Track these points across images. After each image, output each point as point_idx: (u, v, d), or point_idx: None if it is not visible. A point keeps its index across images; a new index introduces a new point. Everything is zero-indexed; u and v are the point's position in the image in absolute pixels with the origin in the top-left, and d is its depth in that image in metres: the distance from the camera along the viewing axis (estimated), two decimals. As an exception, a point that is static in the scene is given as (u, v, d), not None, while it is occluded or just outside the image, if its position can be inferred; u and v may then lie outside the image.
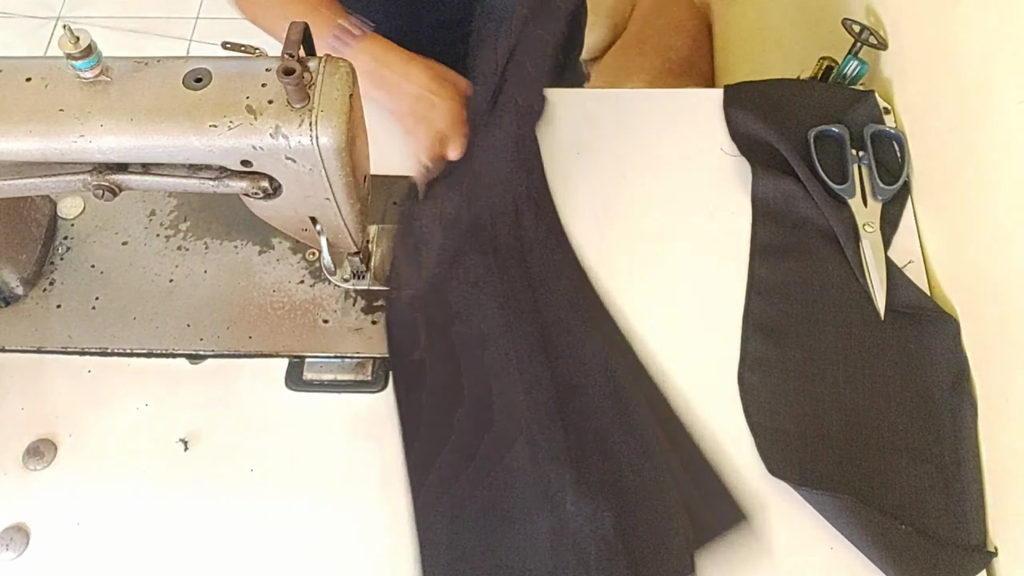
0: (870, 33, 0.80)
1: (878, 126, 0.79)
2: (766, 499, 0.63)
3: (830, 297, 0.71)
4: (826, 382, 0.67)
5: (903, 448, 0.64)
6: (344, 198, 0.57)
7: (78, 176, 0.55)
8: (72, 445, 0.65)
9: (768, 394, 0.67)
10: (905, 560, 0.59)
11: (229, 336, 0.69)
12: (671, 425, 0.65)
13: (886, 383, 0.66)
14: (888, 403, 0.66)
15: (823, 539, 0.61)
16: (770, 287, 0.71)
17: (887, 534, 0.60)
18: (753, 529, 0.62)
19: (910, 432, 0.64)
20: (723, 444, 0.65)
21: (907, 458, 0.63)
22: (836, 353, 0.68)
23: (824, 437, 0.65)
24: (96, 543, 0.61)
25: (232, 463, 0.64)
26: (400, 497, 0.63)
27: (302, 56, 0.50)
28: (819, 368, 0.68)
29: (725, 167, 0.79)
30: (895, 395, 0.66)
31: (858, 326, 0.69)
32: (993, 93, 0.63)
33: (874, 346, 0.68)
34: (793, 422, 0.65)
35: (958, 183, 0.69)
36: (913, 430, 0.64)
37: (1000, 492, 0.61)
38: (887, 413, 0.65)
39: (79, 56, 0.50)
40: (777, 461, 0.64)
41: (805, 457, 0.64)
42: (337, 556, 0.61)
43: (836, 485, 0.62)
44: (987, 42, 0.64)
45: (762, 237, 0.74)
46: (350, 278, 0.71)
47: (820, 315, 0.70)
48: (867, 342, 0.68)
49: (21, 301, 0.71)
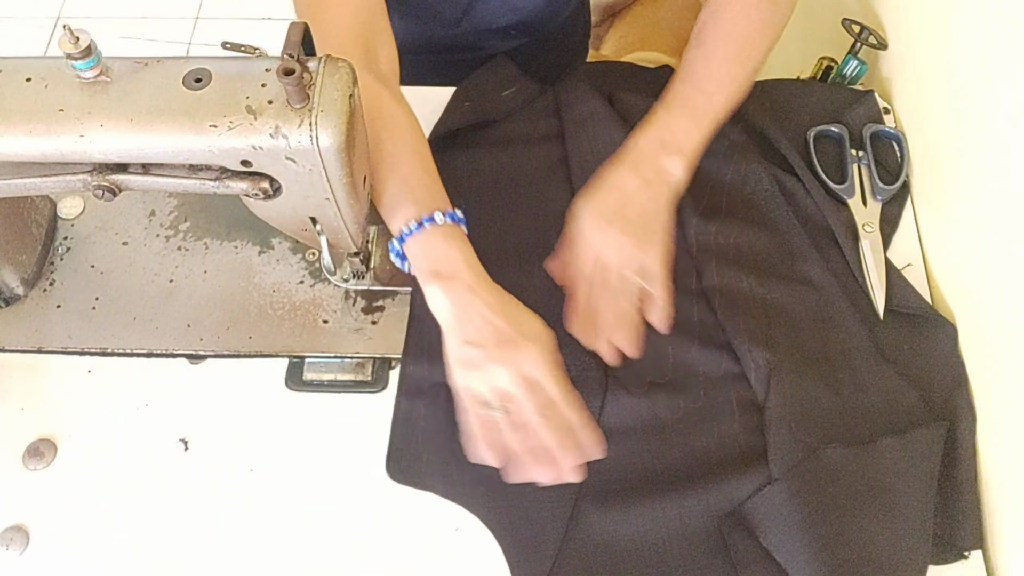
0: (870, 33, 0.80)
1: (878, 126, 0.78)
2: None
3: (827, 295, 0.70)
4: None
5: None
6: (344, 198, 0.57)
7: (78, 176, 0.55)
8: (72, 445, 0.65)
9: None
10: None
11: (229, 336, 0.69)
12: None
13: (884, 383, 0.66)
14: (884, 402, 0.66)
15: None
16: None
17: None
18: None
19: (904, 430, 0.64)
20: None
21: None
22: (833, 351, 0.68)
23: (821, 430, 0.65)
24: (96, 543, 0.62)
25: (232, 463, 0.64)
26: (400, 497, 0.63)
27: (302, 56, 0.50)
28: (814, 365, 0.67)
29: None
30: (892, 394, 0.66)
31: (855, 325, 0.69)
32: (993, 93, 0.63)
33: (872, 345, 0.68)
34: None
35: (958, 183, 0.69)
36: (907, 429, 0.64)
37: (1000, 493, 0.61)
38: (883, 412, 0.65)
39: (79, 56, 0.50)
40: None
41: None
42: (337, 556, 0.61)
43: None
44: (987, 42, 0.64)
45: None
46: (350, 278, 0.71)
47: (822, 314, 0.70)
48: (865, 341, 0.68)
49: (21, 301, 0.71)
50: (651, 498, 0.61)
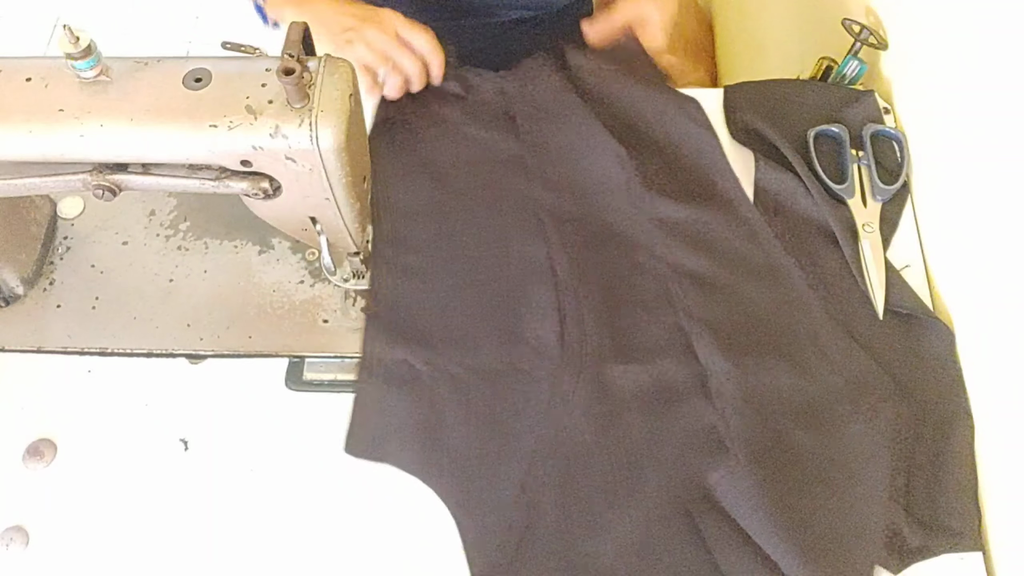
0: (870, 33, 0.80)
1: (878, 126, 0.78)
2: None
3: (826, 294, 0.71)
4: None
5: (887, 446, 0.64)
6: (344, 198, 0.57)
7: (78, 176, 0.55)
8: (72, 445, 0.65)
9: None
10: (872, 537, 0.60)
11: (229, 336, 0.69)
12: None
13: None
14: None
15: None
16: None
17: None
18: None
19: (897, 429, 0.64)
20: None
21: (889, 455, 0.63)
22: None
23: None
24: (96, 543, 0.62)
25: (232, 463, 0.64)
26: (400, 497, 0.63)
27: (302, 56, 0.50)
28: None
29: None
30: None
31: (853, 324, 0.69)
32: (993, 93, 0.63)
33: (870, 345, 0.68)
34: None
35: (958, 183, 0.69)
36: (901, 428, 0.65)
37: (999, 494, 0.61)
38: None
39: (79, 56, 0.50)
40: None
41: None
42: (337, 556, 0.61)
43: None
44: (987, 42, 0.64)
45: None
46: (350, 278, 0.71)
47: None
48: (863, 341, 0.68)
49: (21, 301, 0.71)
50: (618, 486, 0.62)
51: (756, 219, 0.74)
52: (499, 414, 0.65)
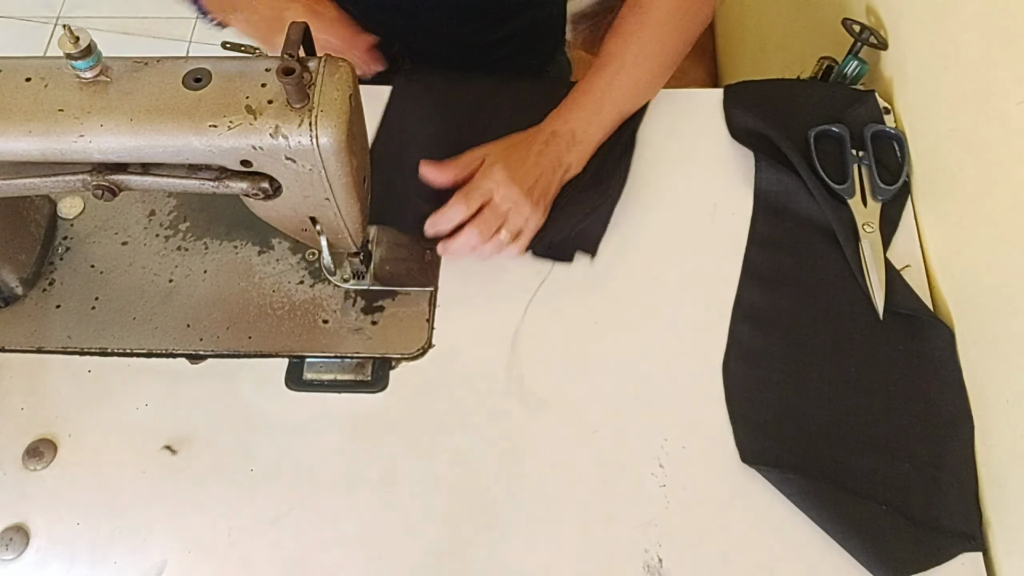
0: (870, 33, 0.80)
1: (878, 126, 0.78)
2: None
3: (826, 294, 0.71)
4: (812, 377, 0.67)
5: (882, 446, 0.64)
6: (344, 198, 0.57)
7: (78, 176, 0.55)
8: (72, 445, 0.65)
9: (752, 384, 0.67)
10: (878, 542, 0.59)
11: (229, 336, 0.69)
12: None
13: (877, 382, 0.66)
14: (874, 401, 0.66)
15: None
16: (764, 277, 0.72)
17: (859, 517, 0.60)
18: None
19: (894, 431, 0.65)
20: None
21: (886, 456, 0.64)
22: (827, 349, 0.68)
23: (802, 429, 0.65)
24: (96, 543, 0.61)
25: (232, 463, 0.64)
26: (400, 497, 0.63)
27: (302, 56, 0.50)
28: (807, 362, 0.68)
29: (725, 167, 0.79)
30: (883, 394, 0.66)
31: (852, 324, 0.69)
32: (993, 93, 0.63)
33: (868, 345, 0.68)
34: (774, 413, 0.66)
35: (958, 183, 0.69)
36: (897, 429, 0.65)
37: (999, 494, 0.61)
38: (872, 411, 0.65)
39: (79, 56, 0.50)
40: (751, 450, 0.64)
41: (782, 448, 0.64)
42: (337, 556, 0.61)
43: (808, 474, 0.62)
44: (987, 42, 0.64)
45: (761, 229, 0.74)
46: (350, 278, 0.71)
47: (813, 310, 0.70)
48: (861, 341, 0.68)
49: (21, 301, 0.71)
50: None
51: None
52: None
